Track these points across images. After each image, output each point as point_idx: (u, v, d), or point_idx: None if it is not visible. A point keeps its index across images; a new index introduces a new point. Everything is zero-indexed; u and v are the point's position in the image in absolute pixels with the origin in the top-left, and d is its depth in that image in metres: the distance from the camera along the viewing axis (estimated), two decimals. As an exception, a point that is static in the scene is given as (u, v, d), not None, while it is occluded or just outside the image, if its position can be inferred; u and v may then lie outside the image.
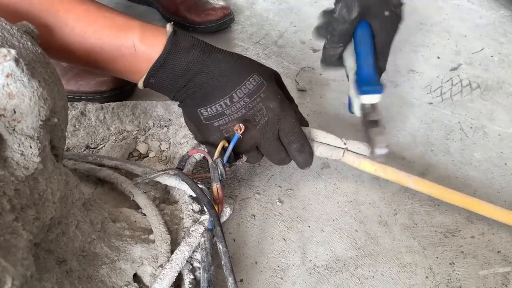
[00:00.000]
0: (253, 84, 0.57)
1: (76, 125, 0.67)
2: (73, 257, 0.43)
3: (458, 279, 0.57)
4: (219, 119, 0.58)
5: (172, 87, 0.57)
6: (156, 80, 0.56)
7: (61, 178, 0.42)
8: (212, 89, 0.57)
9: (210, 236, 0.50)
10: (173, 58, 0.54)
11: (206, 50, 0.56)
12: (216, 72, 0.56)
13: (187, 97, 0.58)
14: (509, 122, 0.81)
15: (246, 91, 0.57)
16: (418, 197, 0.67)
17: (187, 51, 0.55)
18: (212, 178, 0.54)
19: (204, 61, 0.56)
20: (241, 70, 0.57)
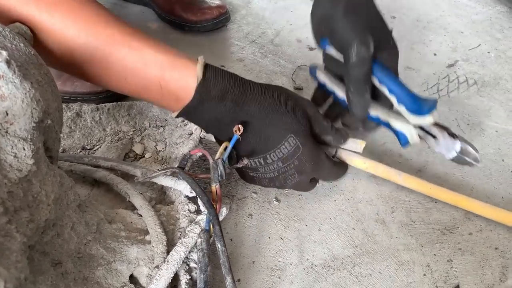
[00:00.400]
0: (288, 148, 0.54)
1: (71, 127, 0.67)
2: (69, 259, 0.43)
3: (456, 276, 0.57)
4: (253, 172, 0.58)
5: (204, 128, 0.57)
6: (188, 119, 0.55)
7: (56, 179, 0.42)
8: (246, 144, 0.55)
9: (206, 236, 0.50)
10: (202, 109, 0.51)
11: (239, 100, 0.51)
12: (249, 128, 0.53)
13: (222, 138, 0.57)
14: (506, 118, 0.81)
15: (280, 155, 0.55)
16: (415, 194, 0.66)
17: (218, 101, 0.50)
18: (212, 178, 0.53)
19: (237, 114, 0.52)
20: (276, 132, 0.53)
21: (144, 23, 1.04)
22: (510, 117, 0.81)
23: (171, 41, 0.99)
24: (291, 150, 0.54)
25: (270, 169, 0.56)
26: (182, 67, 0.50)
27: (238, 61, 0.92)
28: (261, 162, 0.56)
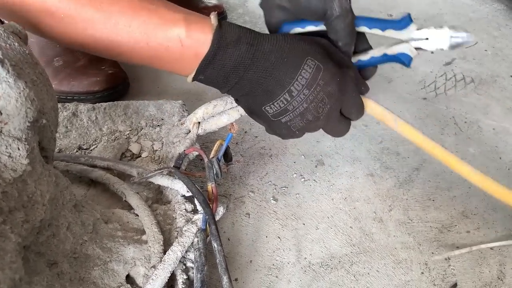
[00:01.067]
0: (309, 71, 0.53)
1: (68, 126, 0.67)
2: (64, 259, 0.43)
3: (453, 274, 0.57)
4: (284, 115, 0.56)
5: (224, 83, 0.55)
6: (206, 76, 0.54)
7: (51, 179, 0.42)
8: (269, 85, 0.54)
9: (203, 236, 0.49)
10: (222, 54, 0.52)
11: (253, 42, 0.52)
12: (267, 65, 0.53)
13: (245, 94, 0.56)
14: (503, 116, 0.81)
15: (303, 82, 0.53)
16: (413, 192, 0.66)
17: (235, 45, 0.52)
18: (208, 177, 0.53)
19: (253, 54, 0.52)
20: (293, 59, 0.53)
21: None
22: (507, 114, 0.81)
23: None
24: (312, 72, 0.53)
25: (298, 102, 0.54)
26: (198, 22, 0.52)
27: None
28: (287, 98, 0.54)
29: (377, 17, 0.59)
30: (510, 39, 1.01)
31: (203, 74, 0.53)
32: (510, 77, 0.90)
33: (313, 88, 0.54)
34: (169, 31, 0.51)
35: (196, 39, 0.52)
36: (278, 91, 0.54)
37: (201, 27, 0.52)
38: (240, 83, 0.54)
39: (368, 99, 0.59)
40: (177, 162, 0.58)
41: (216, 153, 0.54)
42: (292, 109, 0.55)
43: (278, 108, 0.55)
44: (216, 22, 0.52)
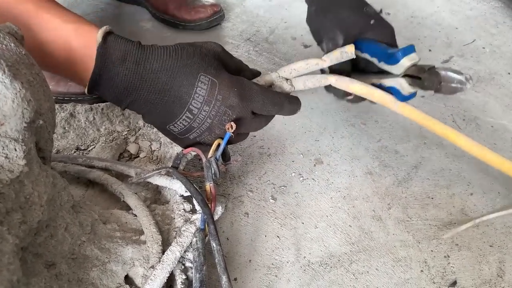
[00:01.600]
0: (204, 88, 0.52)
1: (65, 127, 0.67)
2: (62, 260, 0.43)
3: (453, 272, 0.57)
4: (190, 133, 0.55)
5: (119, 102, 0.53)
6: (100, 93, 0.53)
7: (48, 180, 0.42)
8: (167, 105, 0.53)
9: (202, 236, 0.49)
10: (108, 73, 0.50)
11: (140, 60, 0.51)
12: (159, 86, 0.51)
13: (146, 114, 0.55)
14: (501, 113, 0.81)
15: (201, 99, 0.52)
16: (412, 190, 0.66)
17: (120, 64, 0.50)
18: (206, 177, 0.53)
19: (141, 75, 0.51)
20: (186, 77, 0.52)
21: (137, 23, 1.04)
22: (506, 112, 0.81)
23: (165, 40, 0.98)
24: (208, 88, 0.52)
25: (202, 119, 0.53)
26: (87, 34, 0.51)
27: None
28: (190, 116, 0.53)
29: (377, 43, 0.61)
30: (508, 36, 1.01)
31: (96, 91, 0.52)
32: (508, 74, 0.90)
33: (212, 104, 0.53)
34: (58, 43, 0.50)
35: (83, 54, 0.50)
36: (178, 110, 0.53)
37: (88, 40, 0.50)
38: (136, 103, 0.53)
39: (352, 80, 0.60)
40: (175, 162, 0.58)
41: (214, 152, 0.54)
42: (197, 126, 0.54)
43: (183, 127, 0.54)
44: (101, 38, 0.50)
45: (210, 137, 0.55)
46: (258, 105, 0.55)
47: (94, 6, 1.10)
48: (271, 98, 0.56)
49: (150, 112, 0.54)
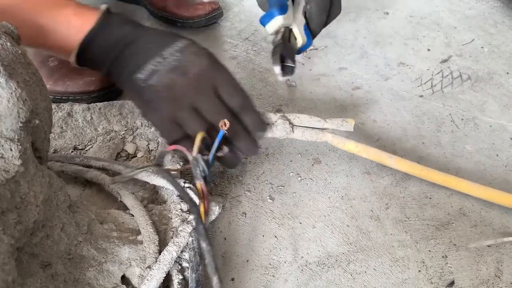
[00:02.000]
0: (183, 43, 0.57)
1: (63, 127, 0.67)
2: (59, 260, 0.43)
3: (451, 272, 0.57)
4: (153, 76, 0.56)
5: (104, 60, 0.58)
6: (88, 53, 0.57)
7: (44, 180, 0.42)
8: (142, 53, 0.57)
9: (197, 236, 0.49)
10: (105, 30, 0.56)
11: (138, 26, 0.58)
12: (147, 40, 0.57)
13: (121, 69, 0.58)
14: (500, 113, 0.81)
15: (176, 48, 0.57)
16: (410, 190, 0.66)
17: (120, 25, 0.57)
18: (194, 175, 0.52)
19: (136, 33, 0.57)
20: (171, 35, 0.59)
21: (136, 22, 1.04)
22: (504, 111, 0.81)
23: (163, 39, 0.98)
24: (186, 43, 0.58)
25: (169, 62, 0.56)
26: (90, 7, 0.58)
27: (231, 59, 0.92)
28: (160, 60, 0.56)
29: None
30: (506, 36, 1.01)
31: (86, 50, 0.57)
32: (506, 74, 0.90)
33: (185, 52, 0.57)
34: (59, 11, 0.56)
35: (83, 18, 0.56)
36: (150, 56, 0.56)
37: (90, 10, 0.57)
38: (118, 59, 0.57)
39: None
40: (158, 160, 0.57)
41: (199, 149, 0.52)
42: (162, 69, 0.56)
43: (149, 72, 0.56)
44: (105, 8, 0.58)
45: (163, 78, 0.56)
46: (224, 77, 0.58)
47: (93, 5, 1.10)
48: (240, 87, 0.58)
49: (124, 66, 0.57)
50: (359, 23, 1.04)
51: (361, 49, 0.95)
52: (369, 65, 0.91)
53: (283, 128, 0.62)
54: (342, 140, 0.65)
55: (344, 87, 0.85)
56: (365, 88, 0.85)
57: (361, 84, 0.86)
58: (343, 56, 0.93)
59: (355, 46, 0.96)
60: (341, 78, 0.87)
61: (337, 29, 1.01)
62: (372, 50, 0.95)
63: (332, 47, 0.96)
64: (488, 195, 0.63)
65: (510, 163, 0.71)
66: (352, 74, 0.88)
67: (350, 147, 0.65)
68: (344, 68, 0.90)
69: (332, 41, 0.97)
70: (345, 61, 0.92)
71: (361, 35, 1.00)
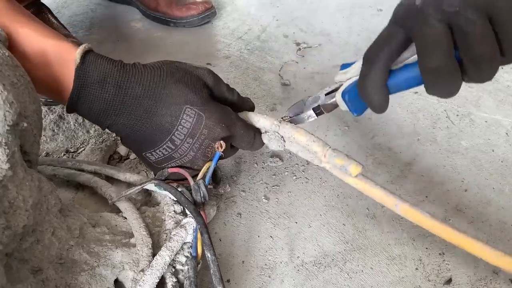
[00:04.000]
0: (190, 121, 0.50)
1: (54, 130, 0.66)
2: (50, 265, 0.42)
3: (448, 269, 0.56)
4: (170, 162, 0.53)
5: (99, 123, 0.51)
6: (80, 113, 0.51)
7: (34, 184, 0.41)
8: (147, 132, 0.51)
9: (194, 264, 0.48)
10: (86, 95, 0.48)
11: (122, 84, 0.48)
12: (141, 112, 0.49)
13: (124, 138, 0.53)
14: (495, 108, 0.80)
15: (185, 132, 0.51)
16: (406, 188, 0.66)
17: (100, 87, 0.48)
18: (195, 200, 0.52)
19: (122, 99, 0.49)
20: (170, 107, 0.50)
21: (128, 23, 1.03)
22: (499, 106, 0.81)
23: (156, 39, 0.97)
24: (193, 121, 0.50)
25: (184, 150, 0.52)
26: (66, 52, 0.48)
27: (224, 58, 0.91)
28: (171, 147, 0.51)
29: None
30: (500, 31, 1.00)
31: (75, 111, 0.50)
32: (501, 69, 0.89)
33: (197, 137, 0.51)
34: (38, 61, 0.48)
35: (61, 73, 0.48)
36: (159, 138, 0.51)
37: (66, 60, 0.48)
38: (115, 127, 0.51)
39: None
40: (159, 176, 0.55)
41: (203, 174, 0.52)
42: (178, 157, 0.53)
43: (161, 156, 0.52)
44: (79, 58, 0.47)
45: (192, 169, 0.54)
46: (237, 141, 0.56)
47: (84, 6, 1.09)
48: (249, 137, 0.57)
49: (128, 136, 0.52)
50: (352, 21, 1.04)
51: (355, 46, 0.95)
52: (363, 62, 0.90)
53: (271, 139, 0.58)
54: (341, 173, 0.56)
55: (338, 84, 0.84)
56: (360, 85, 0.84)
57: (356, 82, 0.85)
58: (337, 53, 0.93)
59: (349, 44, 0.96)
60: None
61: (330, 27, 1.01)
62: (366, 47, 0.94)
63: (326, 45, 0.95)
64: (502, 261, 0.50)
65: (506, 158, 0.71)
66: (346, 71, 0.88)
67: (350, 181, 0.56)
68: (338, 66, 0.89)
69: (326, 39, 0.97)
70: (339, 58, 0.91)
71: (355, 32, 1.00)
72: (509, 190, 0.66)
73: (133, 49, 0.95)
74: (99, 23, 1.03)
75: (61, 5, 1.08)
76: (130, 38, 0.99)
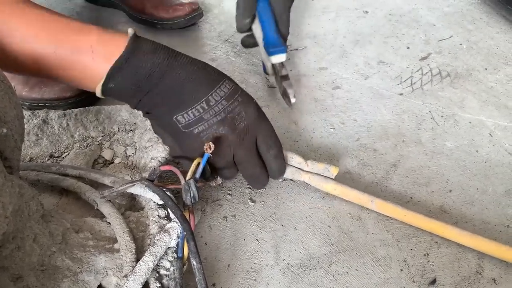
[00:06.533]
0: (228, 87, 0.55)
1: (38, 134, 0.65)
2: (31, 272, 0.41)
3: (432, 270, 0.57)
4: (198, 125, 0.54)
5: (134, 93, 0.52)
6: (116, 84, 0.51)
7: (14, 190, 0.40)
8: (185, 93, 0.53)
9: (179, 265, 0.48)
10: (136, 59, 0.50)
11: (171, 54, 0.52)
12: (183, 75, 0.52)
13: (156, 105, 0.54)
14: (479, 109, 0.81)
15: (222, 94, 0.54)
16: (391, 189, 0.66)
17: (150, 53, 0.51)
18: (184, 200, 0.51)
19: (170, 63, 0.52)
20: (211, 75, 0.55)
21: (114, 26, 1.02)
22: (483, 107, 0.81)
23: (142, 43, 0.97)
24: (230, 89, 0.55)
25: (216, 111, 0.54)
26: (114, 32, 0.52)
27: (211, 61, 0.91)
28: (204, 107, 0.53)
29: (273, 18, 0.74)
30: (484, 32, 1.01)
31: (114, 81, 0.51)
32: (485, 70, 0.90)
33: (231, 101, 0.55)
34: (80, 39, 0.50)
35: (109, 45, 0.51)
36: (194, 99, 0.53)
37: (116, 36, 0.52)
38: (153, 92, 0.52)
39: None
40: (150, 176, 0.55)
41: (193, 174, 0.52)
42: (208, 118, 0.54)
43: (192, 117, 0.54)
44: (133, 32, 0.51)
45: (214, 133, 0.55)
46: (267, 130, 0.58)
47: (70, 9, 1.08)
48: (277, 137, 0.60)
49: (161, 103, 0.54)
50: (338, 23, 1.04)
51: (340, 48, 0.95)
52: (349, 64, 0.91)
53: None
54: (320, 182, 0.63)
55: (324, 87, 0.85)
56: (345, 87, 0.85)
57: (341, 84, 0.86)
58: (323, 56, 0.93)
59: (335, 46, 0.96)
60: (321, 78, 0.87)
61: (316, 29, 1.01)
62: (351, 50, 0.95)
63: (312, 47, 0.95)
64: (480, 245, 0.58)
65: (490, 159, 0.72)
66: (332, 73, 0.88)
67: (329, 188, 0.63)
68: (324, 68, 0.89)
69: (311, 41, 0.97)
70: (325, 61, 0.92)
71: (341, 34, 1.00)
72: (492, 191, 0.67)
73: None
74: (85, 26, 1.02)
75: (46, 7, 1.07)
76: (116, 41, 0.98)
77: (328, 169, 0.63)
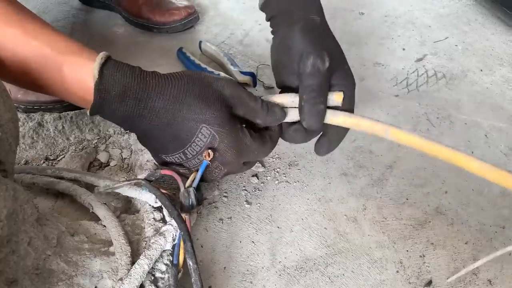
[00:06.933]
0: (203, 140, 0.51)
1: (34, 137, 0.65)
2: (25, 276, 0.41)
3: (428, 271, 0.57)
4: (181, 167, 0.55)
5: (120, 126, 0.54)
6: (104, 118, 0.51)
7: (8, 194, 0.40)
8: (163, 141, 0.52)
9: (174, 272, 0.48)
10: (107, 108, 0.48)
11: (142, 96, 0.48)
12: (158, 123, 0.50)
13: (140, 138, 0.55)
14: (474, 110, 0.81)
15: (197, 149, 0.51)
16: (387, 191, 0.66)
17: (118, 101, 0.47)
18: (183, 206, 0.52)
19: (141, 112, 0.49)
20: (187, 123, 0.50)
21: (110, 28, 1.02)
22: (478, 108, 0.82)
23: (139, 45, 0.97)
24: (207, 141, 0.51)
25: (194, 164, 0.53)
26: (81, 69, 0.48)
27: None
28: (182, 157, 0.53)
29: None
30: (479, 33, 1.02)
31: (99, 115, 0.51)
32: (480, 71, 0.91)
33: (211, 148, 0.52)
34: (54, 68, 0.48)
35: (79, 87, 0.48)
36: (172, 148, 0.52)
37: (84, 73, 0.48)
38: (134, 131, 0.53)
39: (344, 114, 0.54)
40: (149, 177, 0.55)
41: (192, 182, 0.52)
42: (188, 167, 0.54)
43: (174, 161, 0.54)
44: (97, 72, 0.46)
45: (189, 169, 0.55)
46: (250, 159, 0.56)
47: (66, 12, 1.08)
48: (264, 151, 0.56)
49: (145, 140, 0.55)
50: (335, 24, 1.04)
51: (337, 50, 0.95)
52: (345, 66, 0.91)
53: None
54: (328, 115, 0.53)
55: (320, 88, 0.85)
56: (341, 89, 0.85)
57: (337, 85, 0.86)
58: (319, 57, 0.93)
59: (331, 47, 0.96)
60: (317, 79, 0.87)
61: (312, 31, 1.01)
62: (347, 51, 0.95)
63: (308, 49, 0.95)
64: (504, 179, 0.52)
65: (486, 159, 0.72)
66: (328, 75, 0.88)
67: (341, 121, 0.54)
68: (320, 70, 0.89)
69: (308, 43, 0.97)
70: (321, 62, 0.92)
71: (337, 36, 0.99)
72: (488, 192, 0.67)
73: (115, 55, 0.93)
74: (81, 29, 1.02)
75: (42, 10, 1.07)
76: (112, 43, 0.98)
77: (331, 99, 0.53)
